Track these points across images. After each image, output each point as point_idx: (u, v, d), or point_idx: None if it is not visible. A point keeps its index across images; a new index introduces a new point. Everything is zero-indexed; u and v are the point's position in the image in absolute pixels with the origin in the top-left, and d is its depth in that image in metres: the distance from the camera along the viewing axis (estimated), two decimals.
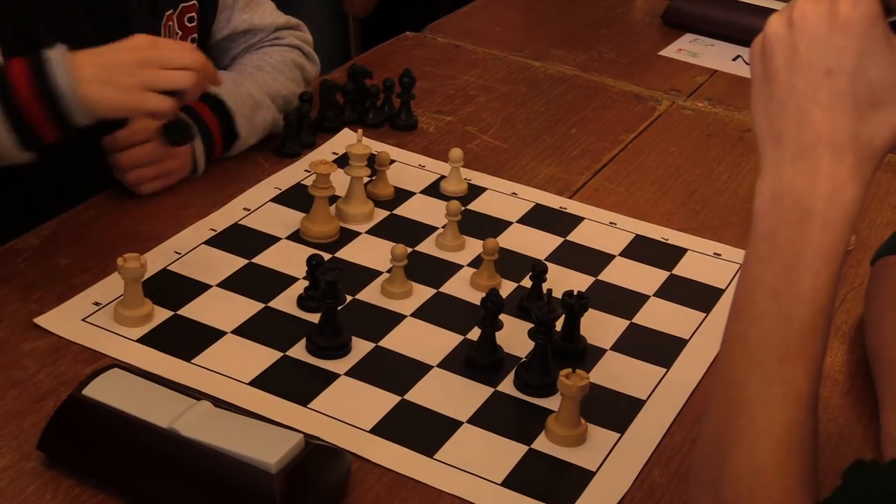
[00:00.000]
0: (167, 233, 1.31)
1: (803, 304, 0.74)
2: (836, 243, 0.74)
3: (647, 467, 1.04)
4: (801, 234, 0.74)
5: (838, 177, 0.74)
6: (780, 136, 0.76)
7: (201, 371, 1.10)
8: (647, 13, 2.14)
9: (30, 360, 1.09)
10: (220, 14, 1.52)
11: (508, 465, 1.02)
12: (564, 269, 1.31)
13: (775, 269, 0.75)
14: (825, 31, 0.74)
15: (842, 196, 0.74)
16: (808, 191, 0.74)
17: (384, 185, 1.42)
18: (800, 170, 0.75)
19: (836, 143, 0.74)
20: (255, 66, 1.50)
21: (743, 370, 0.77)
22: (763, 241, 0.76)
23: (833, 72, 0.74)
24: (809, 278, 0.74)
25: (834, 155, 0.74)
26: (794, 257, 0.74)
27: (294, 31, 1.59)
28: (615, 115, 1.71)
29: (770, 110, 0.77)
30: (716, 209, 1.47)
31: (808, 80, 0.75)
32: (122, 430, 0.94)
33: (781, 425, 0.74)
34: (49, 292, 1.19)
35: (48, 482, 0.95)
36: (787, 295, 0.75)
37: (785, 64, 0.76)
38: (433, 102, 1.69)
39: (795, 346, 0.74)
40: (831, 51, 0.74)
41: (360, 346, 1.15)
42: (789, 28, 0.76)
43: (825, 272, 0.74)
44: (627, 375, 1.15)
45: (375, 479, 0.99)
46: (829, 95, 0.74)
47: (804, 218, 0.74)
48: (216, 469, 0.90)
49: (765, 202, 0.77)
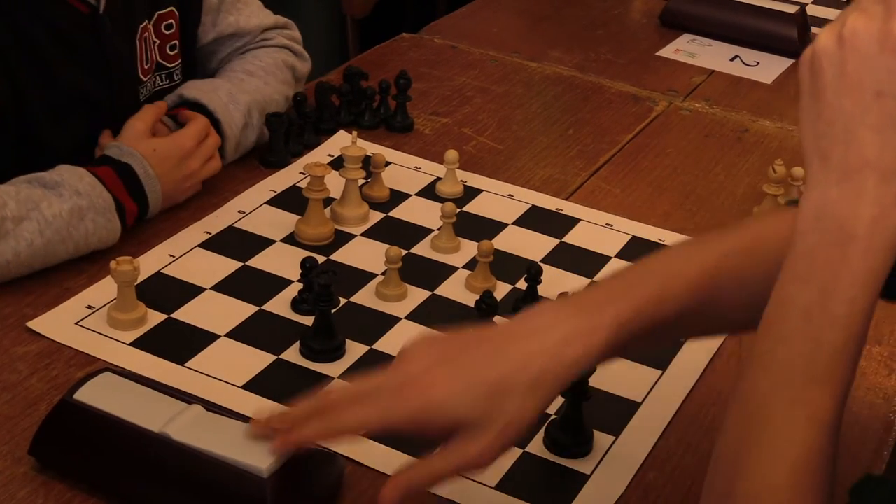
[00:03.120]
0: (161, 236, 1.30)
1: (836, 329, 0.72)
2: (877, 270, 0.72)
3: (641, 470, 1.03)
4: (840, 258, 0.72)
5: (884, 202, 0.71)
6: (827, 156, 0.74)
7: (194, 374, 1.09)
8: (644, 14, 2.13)
9: (22, 364, 1.09)
10: (205, 17, 1.50)
11: (503, 468, 1.01)
12: (560, 270, 1.30)
13: (810, 289, 0.73)
14: (876, 52, 0.71)
15: (886, 222, 0.71)
16: (852, 214, 0.72)
17: (379, 187, 1.42)
18: (844, 192, 0.72)
19: (884, 168, 0.71)
20: (245, 71, 1.49)
21: (767, 388, 0.74)
22: (801, 260, 0.74)
23: (883, 94, 0.71)
24: (845, 304, 0.72)
25: (881, 179, 0.71)
26: (832, 280, 0.72)
27: (282, 31, 1.58)
28: (612, 115, 1.71)
29: (818, 128, 0.74)
30: (713, 210, 1.47)
31: (856, 101, 0.72)
32: (114, 435, 0.93)
33: (801, 447, 0.72)
34: (43, 296, 1.18)
35: (39, 487, 0.95)
36: (820, 317, 0.72)
37: (833, 82, 0.73)
38: (429, 104, 1.69)
39: (823, 370, 0.72)
40: (882, 72, 0.71)
41: (354, 349, 1.14)
42: (839, 45, 0.73)
43: (862, 299, 0.72)
44: (622, 378, 1.14)
45: (369, 482, 0.99)
46: (878, 118, 0.71)
47: (845, 241, 0.72)
48: (207, 474, 0.90)
49: (807, 220, 0.74)
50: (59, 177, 1.21)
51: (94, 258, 1.24)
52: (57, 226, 1.18)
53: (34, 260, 1.18)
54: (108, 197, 1.23)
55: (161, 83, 1.46)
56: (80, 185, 1.21)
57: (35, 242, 1.17)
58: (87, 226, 1.21)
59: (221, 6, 1.52)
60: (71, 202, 1.19)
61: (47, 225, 1.18)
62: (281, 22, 1.58)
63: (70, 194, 1.20)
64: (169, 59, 1.46)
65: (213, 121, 1.39)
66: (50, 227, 1.18)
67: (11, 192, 1.18)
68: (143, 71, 1.41)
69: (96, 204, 1.21)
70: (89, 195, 1.21)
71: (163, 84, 1.46)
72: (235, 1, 1.53)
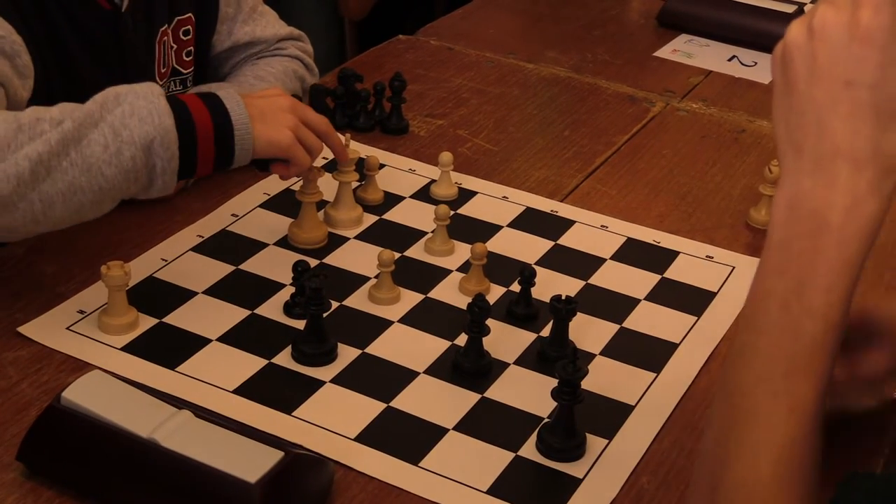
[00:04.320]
0: (154, 240, 1.30)
1: (814, 319, 0.72)
2: (852, 259, 0.72)
3: (634, 474, 1.02)
4: (815, 247, 0.72)
5: (857, 191, 0.72)
6: (800, 147, 0.74)
7: (185, 379, 1.09)
8: (641, 14, 2.13)
9: (13, 370, 1.09)
10: (220, 26, 1.50)
11: (494, 472, 1.01)
12: (554, 273, 1.30)
13: (787, 280, 0.73)
14: (845, 42, 0.72)
15: (860, 210, 0.72)
16: (825, 204, 0.72)
17: (373, 190, 1.41)
18: (818, 182, 0.73)
19: (856, 156, 0.72)
20: (256, 76, 1.48)
21: (749, 381, 0.75)
22: (777, 251, 0.74)
23: (853, 83, 0.72)
24: (822, 293, 0.72)
25: (853, 168, 0.72)
26: (808, 270, 0.72)
27: (296, 42, 1.57)
28: (608, 116, 1.70)
29: (790, 120, 0.75)
30: (709, 211, 1.46)
31: (827, 91, 0.73)
32: (102, 441, 0.93)
33: (784, 439, 0.73)
34: (34, 301, 1.18)
35: (28, 493, 0.94)
36: (798, 308, 0.73)
37: (804, 73, 0.74)
38: (425, 106, 1.68)
39: (803, 361, 0.73)
40: (851, 62, 0.72)
41: (346, 353, 1.14)
42: (809, 36, 0.74)
43: (838, 288, 0.72)
44: (616, 381, 1.13)
45: (360, 487, 0.98)
46: (849, 107, 0.72)
47: (820, 231, 0.72)
48: (195, 480, 0.89)
49: (781, 211, 0.75)
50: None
51: (86, 263, 1.23)
52: (88, 108, 1.10)
53: (66, 147, 1.07)
54: (154, 87, 1.13)
55: (174, 89, 1.45)
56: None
57: (66, 127, 1.08)
58: (123, 108, 1.10)
59: (238, 16, 1.51)
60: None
61: (76, 108, 1.10)
62: (295, 34, 1.58)
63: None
64: (184, 64, 1.46)
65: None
66: (80, 111, 1.10)
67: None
68: (159, 75, 1.41)
69: (136, 90, 1.12)
70: (133, 90, 1.12)
71: (176, 90, 1.46)
72: (252, 11, 1.53)
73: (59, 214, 1.09)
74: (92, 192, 1.09)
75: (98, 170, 1.08)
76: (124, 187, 1.11)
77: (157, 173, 1.12)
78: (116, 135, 1.09)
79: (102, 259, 1.18)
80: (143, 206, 1.35)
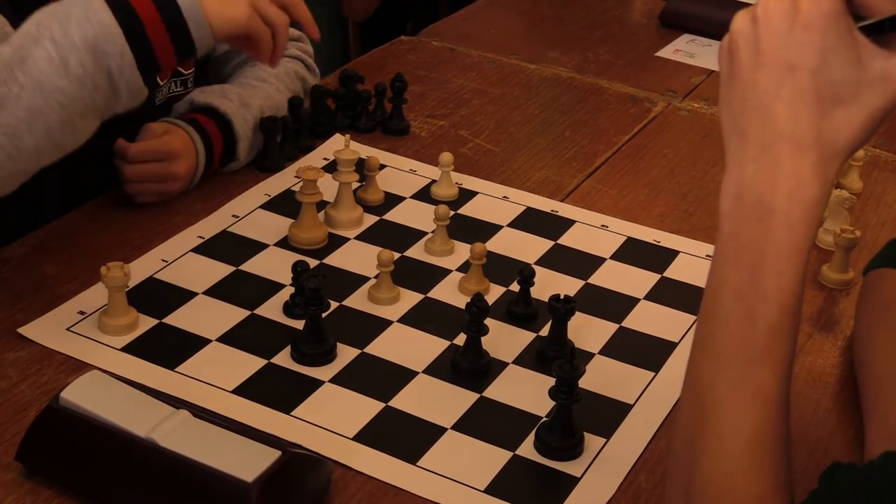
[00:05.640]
0: (155, 241, 1.30)
1: (768, 304, 0.73)
2: (800, 242, 0.73)
3: (632, 473, 1.02)
4: (763, 233, 0.73)
5: (800, 174, 0.73)
6: (744, 133, 0.75)
7: (185, 379, 1.09)
8: (644, 14, 2.13)
9: (13, 370, 1.09)
10: None
11: (492, 471, 1.01)
12: (554, 272, 1.30)
13: (740, 268, 0.74)
14: (787, 28, 0.73)
15: (803, 194, 0.73)
16: (770, 188, 0.73)
17: (374, 191, 1.41)
18: (762, 167, 0.74)
19: (798, 140, 0.73)
20: (257, 77, 1.49)
21: (710, 372, 0.76)
22: (728, 241, 0.75)
23: (795, 68, 0.73)
24: (773, 277, 0.73)
25: (796, 152, 0.73)
26: (758, 256, 0.73)
27: (296, 43, 1.58)
28: (610, 117, 1.70)
29: (734, 107, 0.76)
30: (709, 211, 1.46)
31: (770, 76, 0.74)
32: (100, 441, 0.93)
33: (750, 428, 0.73)
34: (34, 301, 1.18)
35: (27, 493, 0.95)
36: (751, 294, 0.73)
37: (748, 60, 0.75)
38: (426, 106, 1.68)
39: (762, 347, 0.73)
40: (794, 47, 0.73)
41: (345, 353, 1.14)
42: (753, 24, 0.75)
43: (789, 271, 0.73)
44: (615, 380, 1.13)
45: (357, 487, 0.99)
46: (791, 92, 0.73)
47: (766, 216, 0.73)
48: (193, 479, 0.90)
49: (729, 201, 0.76)
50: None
51: (87, 264, 1.24)
52: (24, 29, 1.09)
53: (11, 71, 1.06)
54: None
55: (175, 89, 1.46)
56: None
57: (5, 52, 1.07)
58: (59, 19, 1.08)
59: None
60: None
61: (13, 34, 1.09)
62: (296, 34, 1.58)
63: None
64: (185, 65, 1.46)
65: (225, 122, 1.39)
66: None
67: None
68: (160, 75, 1.42)
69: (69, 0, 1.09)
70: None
71: (177, 90, 1.46)
72: None
73: (32, 143, 1.07)
74: (53, 110, 1.07)
75: (51, 84, 1.06)
76: (87, 98, 1.09)
77: (115, 74, 1.09)
78: (58, 45, 1.06)
79: (103, 260, 1.19)
80: (144, 207, 1.35)
